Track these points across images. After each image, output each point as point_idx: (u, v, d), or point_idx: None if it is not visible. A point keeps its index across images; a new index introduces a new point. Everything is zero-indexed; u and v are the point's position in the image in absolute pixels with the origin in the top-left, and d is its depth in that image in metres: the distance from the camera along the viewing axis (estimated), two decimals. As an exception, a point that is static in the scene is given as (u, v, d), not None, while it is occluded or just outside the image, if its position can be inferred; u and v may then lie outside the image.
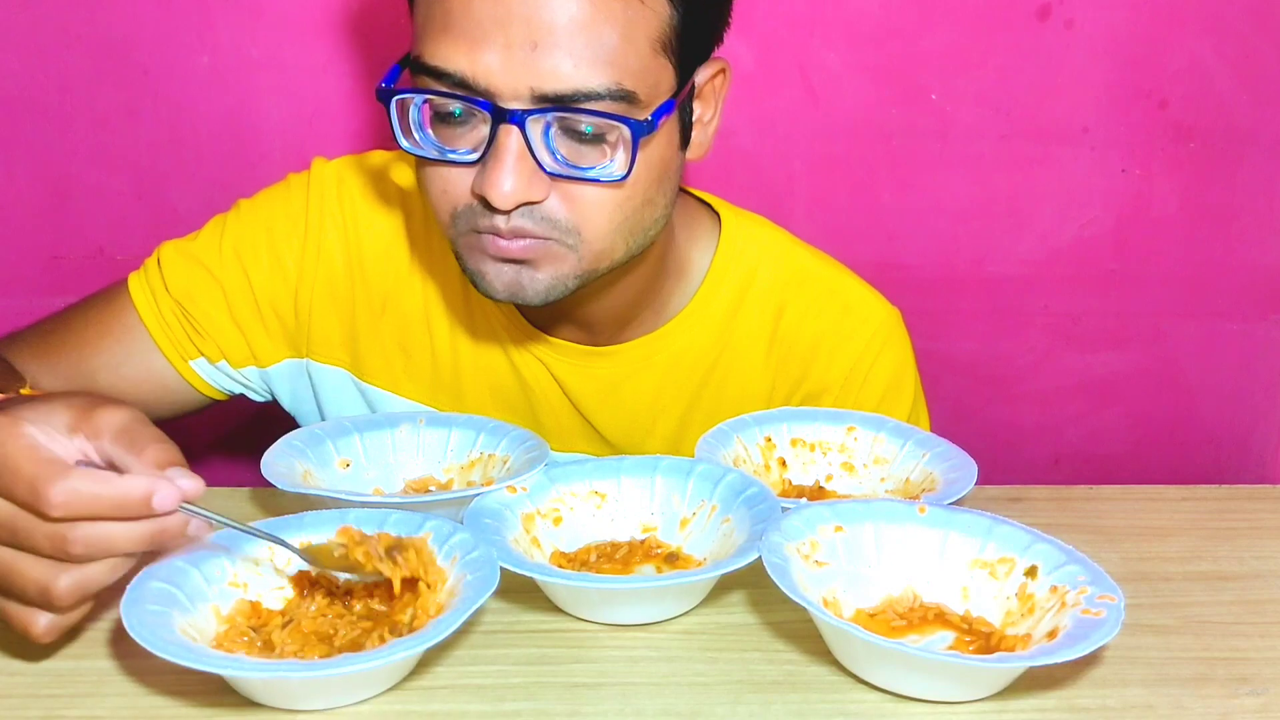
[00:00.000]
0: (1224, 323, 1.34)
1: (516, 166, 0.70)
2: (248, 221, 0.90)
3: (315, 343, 0.92)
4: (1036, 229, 1.28)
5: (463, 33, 0.69)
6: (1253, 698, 0.61)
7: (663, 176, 0.77)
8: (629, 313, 0.89)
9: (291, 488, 0.71)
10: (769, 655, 0.64)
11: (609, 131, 0.71)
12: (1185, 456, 1.40)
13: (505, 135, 0.70)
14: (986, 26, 1.20)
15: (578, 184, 0.72)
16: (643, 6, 0.70)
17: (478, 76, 0.69)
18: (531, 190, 0.71)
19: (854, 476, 0.83)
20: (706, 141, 0.81)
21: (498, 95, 0.69)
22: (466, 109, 0.71)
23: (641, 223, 0.77)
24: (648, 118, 0.71)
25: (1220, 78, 1.24)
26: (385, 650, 0.55)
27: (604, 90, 0.69)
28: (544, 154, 0.71)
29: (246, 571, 0.64)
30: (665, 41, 0.72)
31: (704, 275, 0.91)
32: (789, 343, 0.92)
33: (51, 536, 0.55)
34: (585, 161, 0.72)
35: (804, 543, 0.65)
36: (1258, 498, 0.88)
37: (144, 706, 0.58)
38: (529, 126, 0.69)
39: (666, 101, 0.73)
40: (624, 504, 0.75)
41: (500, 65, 0.68)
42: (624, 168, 0.71)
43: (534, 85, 0.68)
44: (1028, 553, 0.65)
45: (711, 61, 0.78)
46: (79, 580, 0.56)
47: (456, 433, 0.83)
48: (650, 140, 0.73)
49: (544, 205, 0.72)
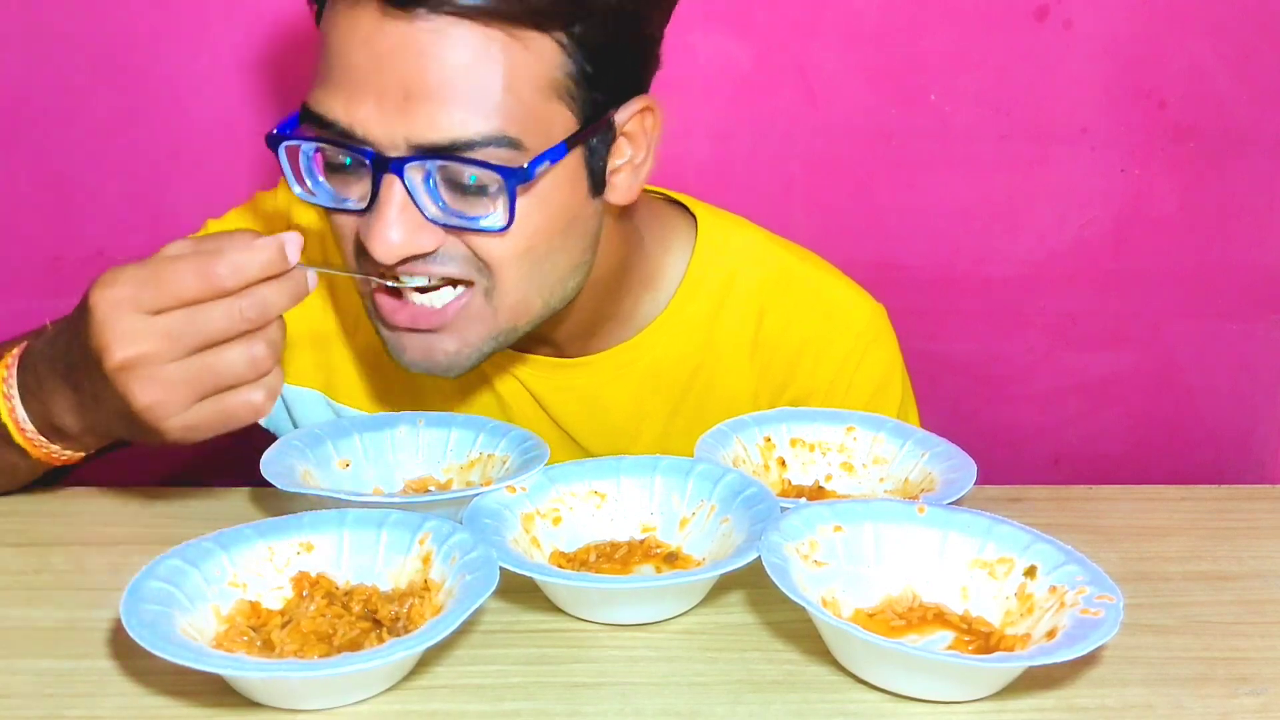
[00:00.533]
0: (1224, 323, 1.34)
1: (399, 217, 0.69)
2: None
3: (289, 365, 0.91)
4: (1035, 229, 1.28)
5: (341, 82, 0.69)
6: (1253, 698, 0.61)
7: (568, 226, 0.75)
8: (592, 326, 0.88)
9: (292, 488, 0.71)
10: (769, 655, 0.64)
11: (490, 181, 0.69)
12: (1185, 456, 1.40)
13: (387, 185, 0.69)
14: (985, 26, 1.20)
15: (470, 234, 0.71)
16: (525, 53, 0.68)
17: (354, 126, 0.69)
18: (416, 241, 0.70)
19: (853, 476, 0.83)
20: (637, 183, 0.78)
21: (377, 144, 0.68)
22: (355, 158, 0.70)
23: (555, 273, 0.76)
24: (524, 166, 0.69)
25: (1220, 78, 1.24)
26: (385, 650, 0.55)
27: (480, 139, 0.68)
28: (427, 202, 0.70)
29: (246, 571, 0.64)
30: (558, 87, 0.70)
31: (679, 281, 0.90)
32: (772, 347, 0.91)
33: (227, 311, 0.63)
34: (472, 211, 0.71)
35: (803, 543, 0.65)
36: (1257, 498, 0.88)
37: (144, 706, 0.58)
38: (409, 175, 0.69)
39: (552, 148, 0.70)
40: (624, 504, 0.75)
41: (375, 116, 0.68)
42: (504, 218, 0.70)
43: (408, 136, 0.68)
44: (1027, 553, 0.65)
45: (634, 101, 0.75)
46: (267, 339, 0.64)
47: (456, 432, 0.83)
48: (533, 188, 0.71)
49: (446, 248, 0.72)
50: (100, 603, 0.67)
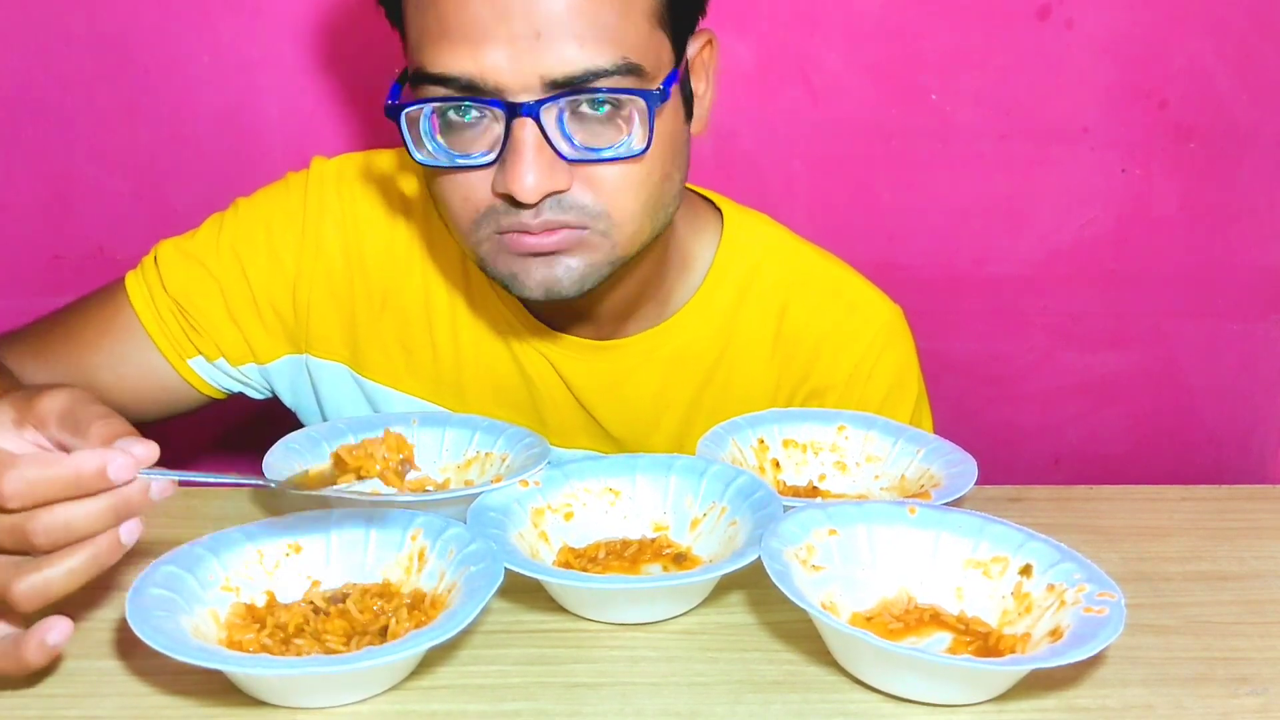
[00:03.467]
0: (1224, 323, 1.34)
1: (536, 159, 0.70)
2: (245, 219, 0.90)
3: (314, 339, 0.92)
4: (1036, 229, 1.28)
5: (463, 35, 0.69)
6: (1253, 698, 0.61)
7: (675, 151, 0.77)
8: (634, 305, 0.89)
9: (292, 488, 0.71)
10: (769, 655, 0.64)
11: (623, 107, 0.71)
12: (1185, 456, 1.40)
13: (520, 129, 0.70)
14: (986, 26, 1.20)
15: (599, 166, 0.73)
16: None
17: (485, 75, 0.69)
18: (554, 180, 0.71)
19: (847, 475, 0.83)
20: (704, 115, 0.82)
21: (507, 91, 0.70)
22: (477, 111, 0.71)
23: (663, 199, 0.78)
24: (659, 87, 0.72)
25: (1220, 78, 1.24)
26: (386, 649, 0.55)
27: (612, 67, 0.70)
28: (561, 142, 0.71)
29: (237, 575, 0.63)
30: (659, 15, 0.73)
31: (707, 269, 0.91)
32: (793, 339, 0.92)
33: (12, 529, 0.54)
34: (602, 142, 0.72)
35: (800, 547, 0.65)
36: (1258, 498, 0.88)
37: (145, 706, 0.58)
38: (543, 116, 0.70)
39: (671, 72, 0.74)
40: (638, 502, 0.75)
41: (507, 60, 0.69)
42: (643, 141, 0.72)
43: (543, 74, 0.69)
44: (1020, 551, 0.65)
45: (699, 33, 0.79)
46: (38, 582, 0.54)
47: (451, 432, 0.83)
48: (662, 112, 0.73)
49: (570, 194, 0.73)
50: (100, 603, 0.67)
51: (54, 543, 0.54)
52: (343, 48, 1.17)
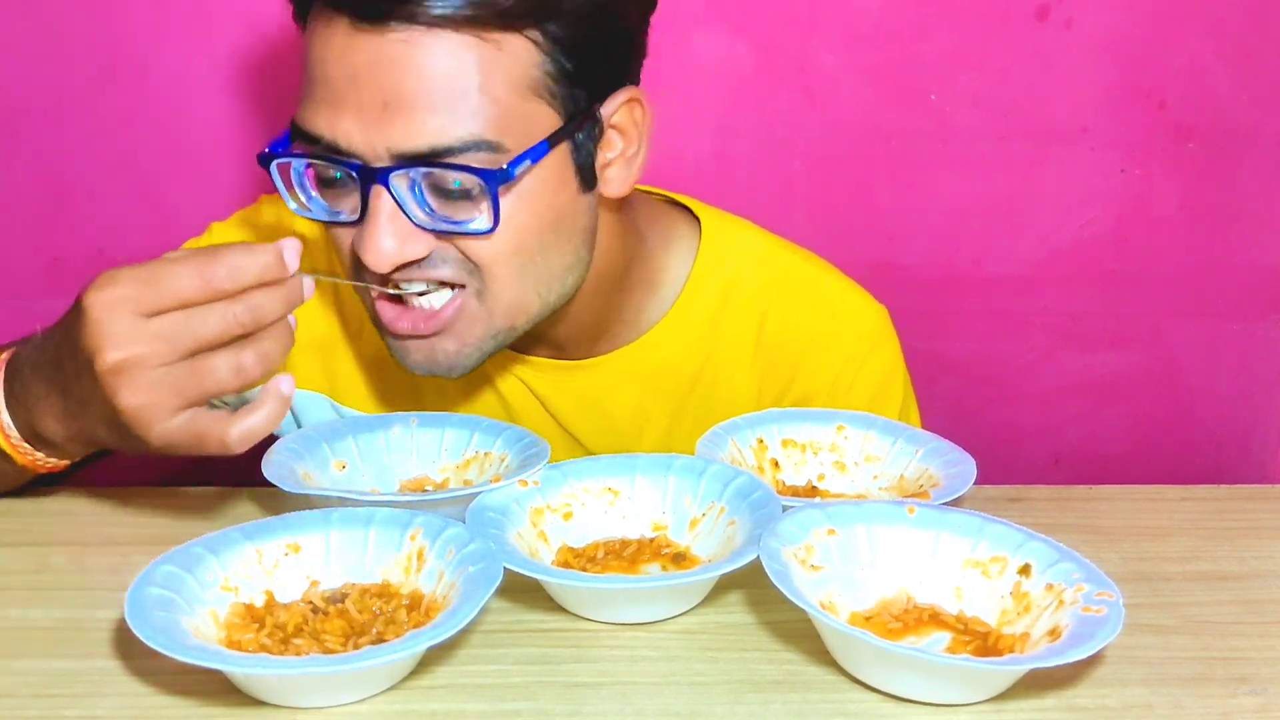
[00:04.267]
0: (1224, 323, 1.34)
1: (387, 226, 0.70)
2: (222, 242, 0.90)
3: (291, 368, 0.91)
4: (1036, 229, 1.28)
5: (323, 97, 0.70)
6: (1252, 698, 0.61)
7: (557, 222, 0.75)
8: (597, 328, 0.88)
9: (293, 488, 0.71)
10: (769, 655, 0.64)
11: (473, 184, 0.70)
12: (1185, 456, 1.40)
13: (375, 196, 0.70)
14: (986, 27, 1.20)
15: (460, 237, 0.72)
16: (500, 55, 0.68)
17: (338, 140, 0.69)
18: (407, 249, 0.71)
19: (846, 475, 0.84)
20: (631, 175, 0.78)
21: (361, 157, 0.69)
22: (343, 171, 0.71)
23: (550, 272, 0.76)
24: (503, 168, 0.69)
25: (1220, 78, 1.24)
26: (386, 649, 0.55)
27: (459, 144, 0.68)
28: (415, 210, 0.70)
29: (236, 575, 0.63)
30: (536, 85, 0.70)
31: (683, 282, 0.90)
32: (775, 348, 0.92)
33: (222, 314, 0.61)
34: (459, 215, 0.71)
35: (799, 547, 0.65)
36: (1258, 498, 0.88)
37: (145, 706, 0.58)
38: (394, 184, 0.69)
39: (534, 147, 0.71)
40: (637, 502, 0.75)
41: (356, 128, 0.69)
42: (489, 220, 0.70)
43: (389, 146, 0.68)
44: (1020, 551, 0.65)
45: (620, 94, 0.75)
46: (257, 350, 0.63)
47: (450, 432, 0.83)
48: (515, 188, 0.71)
49: (435, 255, 0.72)
50: (100, 603, 0.67)
51: (256, 321, 0.62)
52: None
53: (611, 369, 0.90)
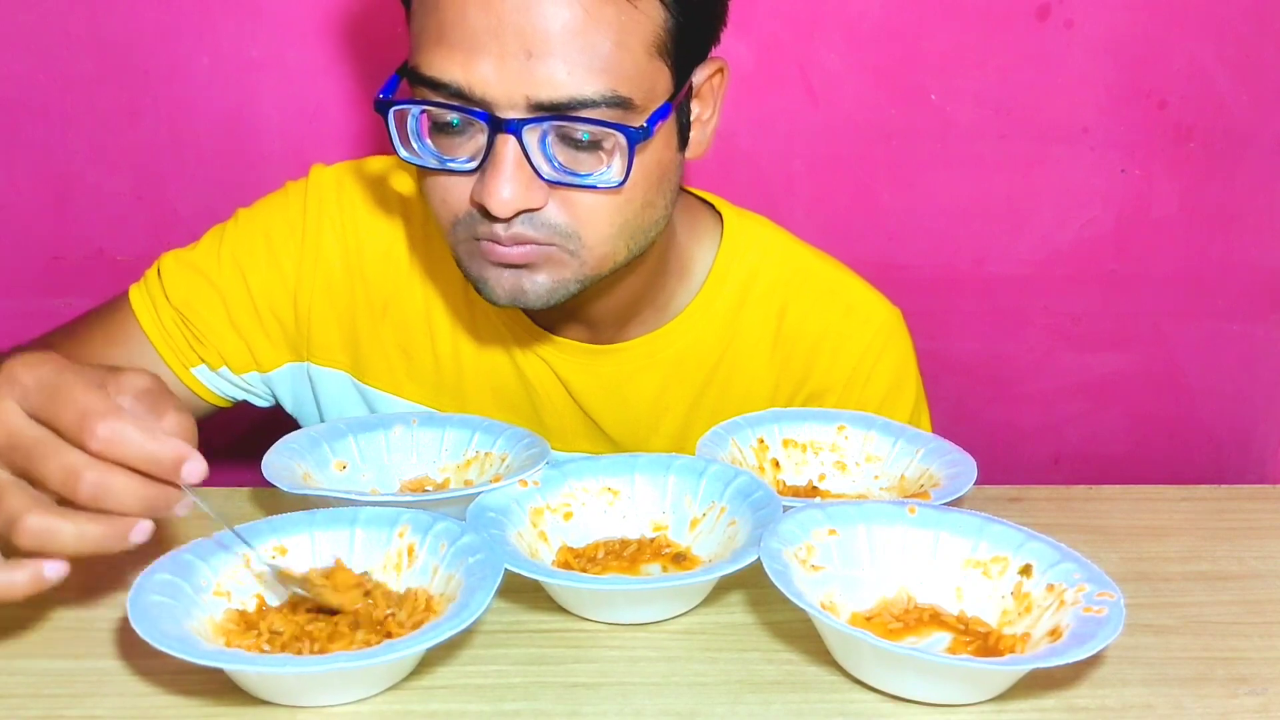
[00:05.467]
0: (1224, 323, 1.34)
1: (514, 175, 0.70)
2: (246, 229, 0.91)
3: (315, 346, 0.92)
4: (1036, 229, 1.28)
5: (458, 43, 0.69)
6: (1252, 698, 0.61)
7: (661, 179, 0.77)
8: (631, 310, 0.89)
9: (293, 488, 0.71)
10: (768, 655, 0.64)
11: (605, 139, 0.71)
12: (1185, 456, 1.40)
13: (502, 144, 0.70)
14: (986, 26, 1.20)
15: (576, 190, 0.73)
16: (635, 11, 0.70)
17: (474, 87, 0.69)
18: (529, 198, 0.71)
19: (847, 475, 0.84)
20: (706, 140, 0.81)
21: (494, 105, 0.69)
22: (464, 119, 0.71)
23: (642, 225, 0.77)
24: (643, 124, 0.71)
25: (1220, 78, 1.24)
26: (386, 648, 0.55)
27: (599, 98, 0.69)
28: (541, 162, 0.71)
29: (227, 580, 0.63)
30: (660, 45, 0.72)
31: (707, 273, 0.91)
32: (792, 341, 0.93)
33: (68, 469, 0.55)
34: (583, 168, 0.72)
35: (800, 547, 0.65)
36: (1258, 498, 0.88)
37: (145, 706, 0.58)
38: (525, 135, 0.70)
39: (662, 106, 0.73)
40: (636, 501, 0.75)
41: (495, 75, 0.69)
42: (621, 174, 0.72)
43: (529, 94, 0.69)
44: (1020, 551, 0.65)
45: (709, 61, 0.78)
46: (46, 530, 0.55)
47: (451, 432, 0.83)
48: (646, 145, 0.73)
49: (543, 212, 0.73)
50: (100, 603, 0.67)
51: (93, 500, 0.55)
52: (344, 50, 1.17)
53: (635, 355, 0.91)
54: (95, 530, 0.56)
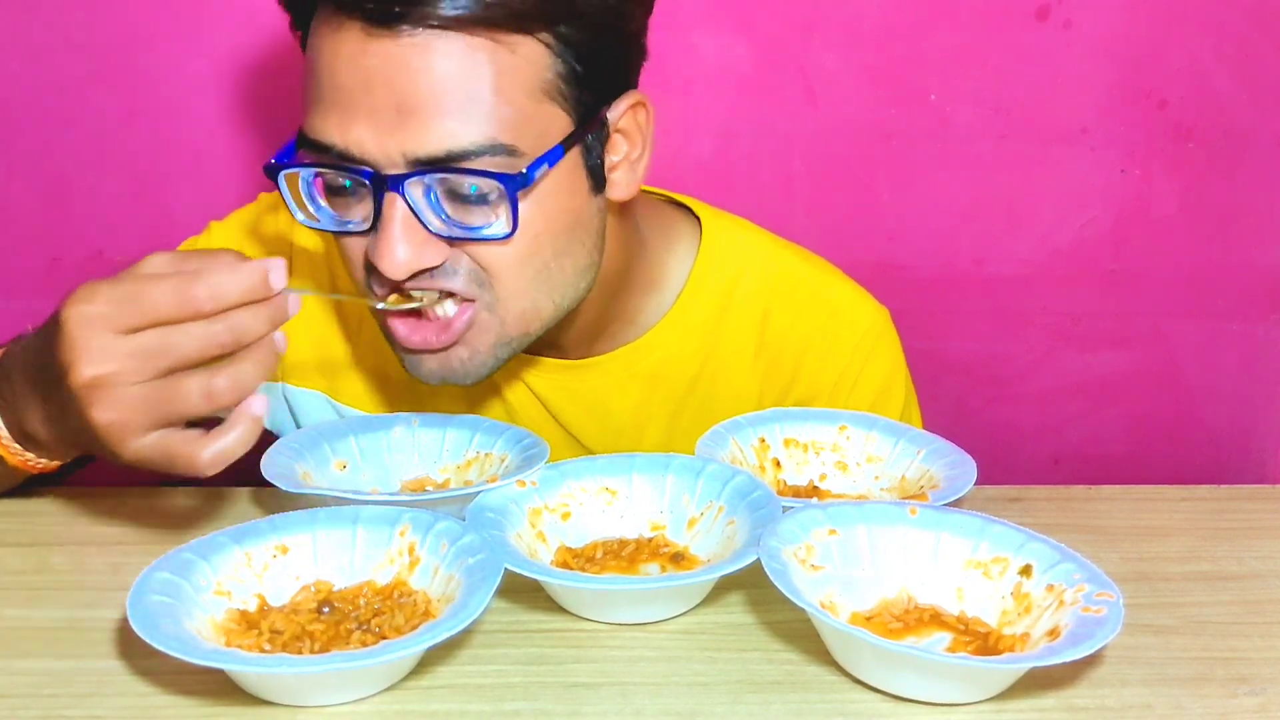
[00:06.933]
0: (1224, 323, 1.34)
1: (404, 234, 0.69)
2: (219, 243, 0.90)
3: (290, 367, 0.92)
4: (1036, 229, 1.28)
5: (334, 104, 0.69)
6: (1252, 698, 0.61)
7: (573, 226, 0.75)
8: (597, 328, 0.88)
9: (293, 488, 0.71)
10: (768, 655, 0.64)
11: (490, 190, 0.69)
12: (1185, 456, 1.40)
13: (389, 204, 0.69)
14: (986, 27, 1.20)
15: (475, 244, 0.71)
16: (514, 57, 0.68)
17: (350, 147, 0.69)
18: (423, 256, 0.70)
19: (848, 475, 0.84)
20: (636, 179, 0.79)
21: (375, 164, 0.68)
22: (354, 180, 0.70)
23: (562, 276, 0.76)
24: (522, 172, 0.69)
25: (1220, 78, 1.24)
26: (386, 648, 0.55)
27: (476, 148, 0.68)
28: (430, 217, 0.70)
29: (228, 579, 0.63)
30: (549, 88, 0.70)
31: (684, 283, 0.90)
32: (776, 348, 0.92)
33: (201, 334, 0.60)
34: (474, 220, 0.70)
35: (800, 547, 0.65)
36: (1258, 498, 0.88)
37: (145, 706, 0.58)
38: (409, 191, 0.69)
39: (549, 151, 0.70)
40: (634, 501, 0.75)
41: (370, 134, 0.68)
42: (508, 225, 0.70)
43: (405, 151, 0.68)
44: (1021, 552, 0.65)
45: (625, 97, 0.75)
46: (234, 375, 0.61)
47: (452, 432, 0.83)
48: (532, 193, 0.71)
49: (447, 265, 0.72)
50: (100, 603, 0.67)
51: (236, 341, 0.61)
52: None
53: (612, 369, 0.90)
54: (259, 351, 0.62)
